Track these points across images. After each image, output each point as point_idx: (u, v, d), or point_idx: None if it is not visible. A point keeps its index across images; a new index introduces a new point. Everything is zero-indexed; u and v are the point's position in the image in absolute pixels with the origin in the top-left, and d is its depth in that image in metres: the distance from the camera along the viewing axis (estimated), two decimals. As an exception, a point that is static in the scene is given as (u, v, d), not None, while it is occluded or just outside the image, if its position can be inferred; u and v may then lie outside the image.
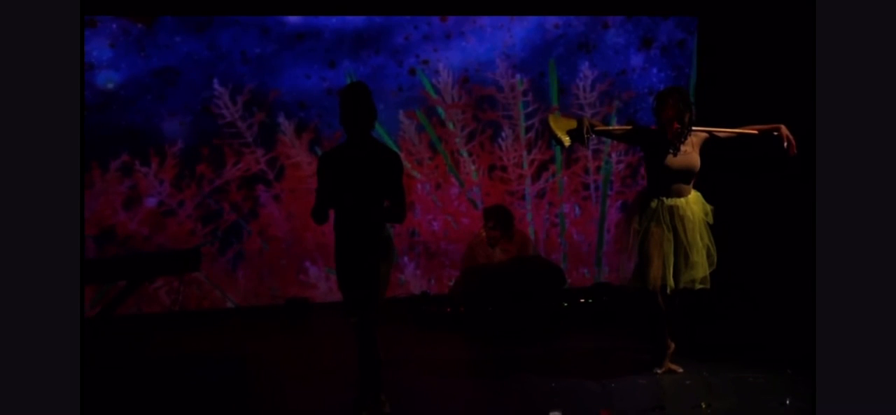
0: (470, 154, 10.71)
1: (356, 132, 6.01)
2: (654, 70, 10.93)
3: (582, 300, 9.51)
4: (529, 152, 10.83)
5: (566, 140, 7.09)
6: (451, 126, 10.62)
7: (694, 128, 7.08)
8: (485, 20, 10.59)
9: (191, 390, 7.16)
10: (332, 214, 6.09)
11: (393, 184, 5.96)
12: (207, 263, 9.91)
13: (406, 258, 10.66)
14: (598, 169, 10.98)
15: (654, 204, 7.07)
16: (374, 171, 5.92)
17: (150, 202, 10.04)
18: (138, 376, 7.66)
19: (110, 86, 9.93)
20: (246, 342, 8.73)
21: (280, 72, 10.25)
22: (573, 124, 7.13)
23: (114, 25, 9.81)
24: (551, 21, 10.74)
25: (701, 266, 7.04)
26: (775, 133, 6.96)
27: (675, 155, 6.99)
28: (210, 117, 10.12)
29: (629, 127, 8.06)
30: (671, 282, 7.02)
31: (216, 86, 10.10)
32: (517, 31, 10.71)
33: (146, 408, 6.74)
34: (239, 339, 8.94)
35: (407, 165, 10.55)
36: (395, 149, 10.29)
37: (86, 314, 9.48)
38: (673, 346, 7.23)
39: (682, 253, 7.02)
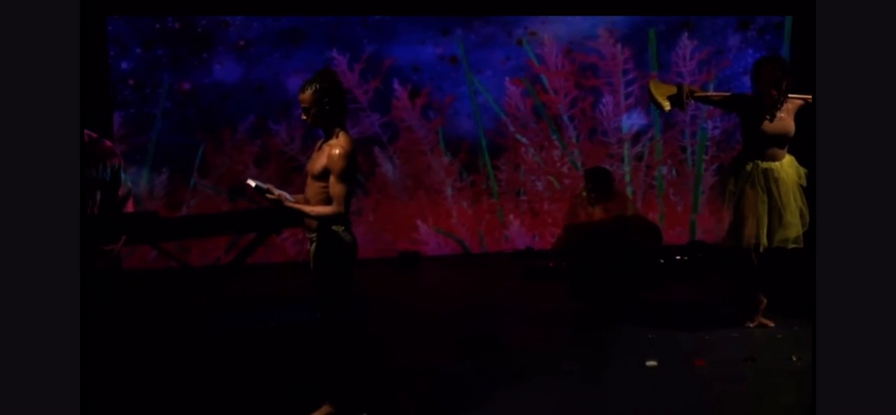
0: (572, 118, 10.68)
1: (319, 125, 5.12)
2: (751, 51, 10.72)
3: (678, 257, 9.44)
4: (628, 117, 10.76)
5: (666, 105, 7.04)
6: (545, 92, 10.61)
7: (790, 95, 6.97)
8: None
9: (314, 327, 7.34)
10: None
11: (333, 177, 4.98)
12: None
13: (512, 215, 10.70)
14: (694, 134, 10.87)
15: (749, 167, 6.99)
16: (319, 165, 5.06)
17: (278, 159, 10.23)
18: (261, 313, 7.85)
19: (242, 43, 10.11)
20: (364, 288, 8.87)
21: (397, 36, 10.31)
22: (673, 91, 7.08)
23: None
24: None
25: (794, 226, 6.95)
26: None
27: (771, 120, 6.89)
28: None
29: (727, 93, 7.96)
30: (765, 240, 6.95)
31: (334, 54, 10.22)
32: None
33: (261, 339, 6.92)
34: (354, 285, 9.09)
35: (511, 128, 10.57)
36: (501, 114, 10.35)
37: (222, 261, 9.75)
38: (765, 301, 7.15)
39: (775, 214, 6.93)
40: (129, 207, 5.48)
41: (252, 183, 4.97)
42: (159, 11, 9.85)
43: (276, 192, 4.97)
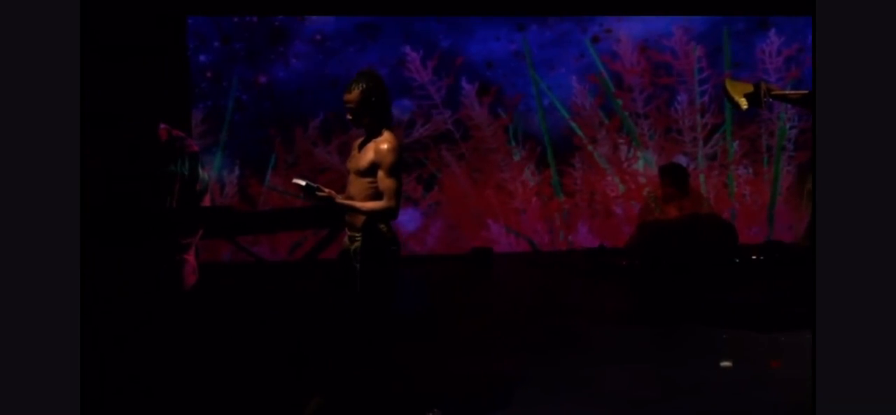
0: (647, 116, 10.60)
1: (363, 124, 5.14)
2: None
3: (753, 257, 9.32)
4: (702, 116, 10.65)
5: (743, 103, 6.94)
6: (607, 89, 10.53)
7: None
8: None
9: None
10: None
11: (383, 172, 4.99)
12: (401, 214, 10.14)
13: (583, 213, 10.65)
14: (772, 133, 10.72)
15: (828, 166, 6.88)
16: (365, 161, 5.05)
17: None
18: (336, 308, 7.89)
19: (318, 37, 10.19)
20: (433, 285, 8.89)
21: (472, 31, 10.32)
22: (750, 88, 6.98)
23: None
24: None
25: (874, 227, 6.83)
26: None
27: (850, 119, 6.77)
28: (405, 71, 10.28)
29: (806, 92, 7.84)
30: (843, 241, 6.83)
31: (408, 51, 10.25)
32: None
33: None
34: (428, 280, 9.12)
35: (577, 129, 10.51)
36: (565, 114, 10.30)
37: (296, 256, 9.83)
38: (843, 303, 7.03)
39: (854, 214, 6.81)
40: (206, 200, 5.55)
41: (301, 182, 4.99)
42: (237, 11, 9.98)
43: (326, 190, 4.99)
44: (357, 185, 5.06)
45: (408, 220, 10.39)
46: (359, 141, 5.20)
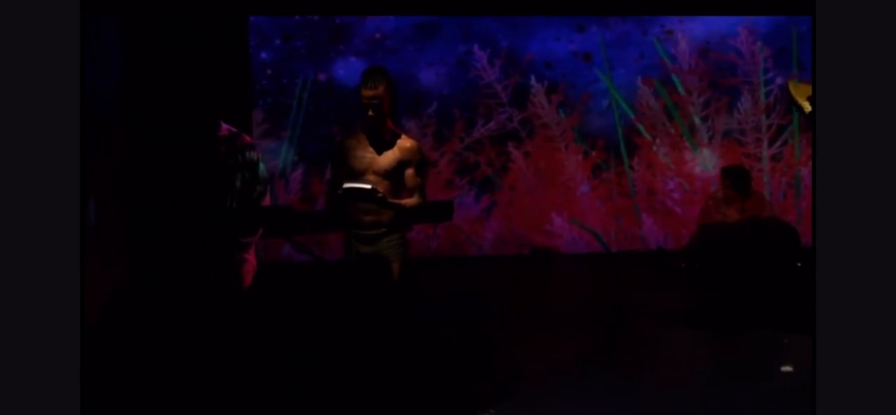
0: (706, 119, 10.51)
1: (382, 121, 5.15)
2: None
3: (816, 260, 9.22)
4: (767, 117, 10.55)
5: (806, 106, 6.87)
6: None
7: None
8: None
9: (433, 323, 7.40)
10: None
11: (414, 170, 5.11)
12: (462, 212, 10.17)
13: (644, 214, 10.61)
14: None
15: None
16: (391, 160, 5.12)
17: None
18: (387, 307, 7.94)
19: (378, 35, 10.25)
20: (491, 284, 8.91)
21: (531, 32, 10.31)
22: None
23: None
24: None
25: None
26: None
27: (917, 122, 6.68)
28: (463, 70, 10.29)
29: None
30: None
31: (475, 49, 10.28)
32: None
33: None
34: (485, 281, 9.14)
35: (643, 131, 10.47)
36: (630, 113, 10.27)
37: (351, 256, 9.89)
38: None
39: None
40: (266, 200, 5.61)
41: (366, 186, 4.99)
42: (297, 11, 10.07)
43: (379, 191, 5.02)
44: (380, 186, 5.09)
45: (470, 217, 10.42)
46: (357, 139, 5.20)
